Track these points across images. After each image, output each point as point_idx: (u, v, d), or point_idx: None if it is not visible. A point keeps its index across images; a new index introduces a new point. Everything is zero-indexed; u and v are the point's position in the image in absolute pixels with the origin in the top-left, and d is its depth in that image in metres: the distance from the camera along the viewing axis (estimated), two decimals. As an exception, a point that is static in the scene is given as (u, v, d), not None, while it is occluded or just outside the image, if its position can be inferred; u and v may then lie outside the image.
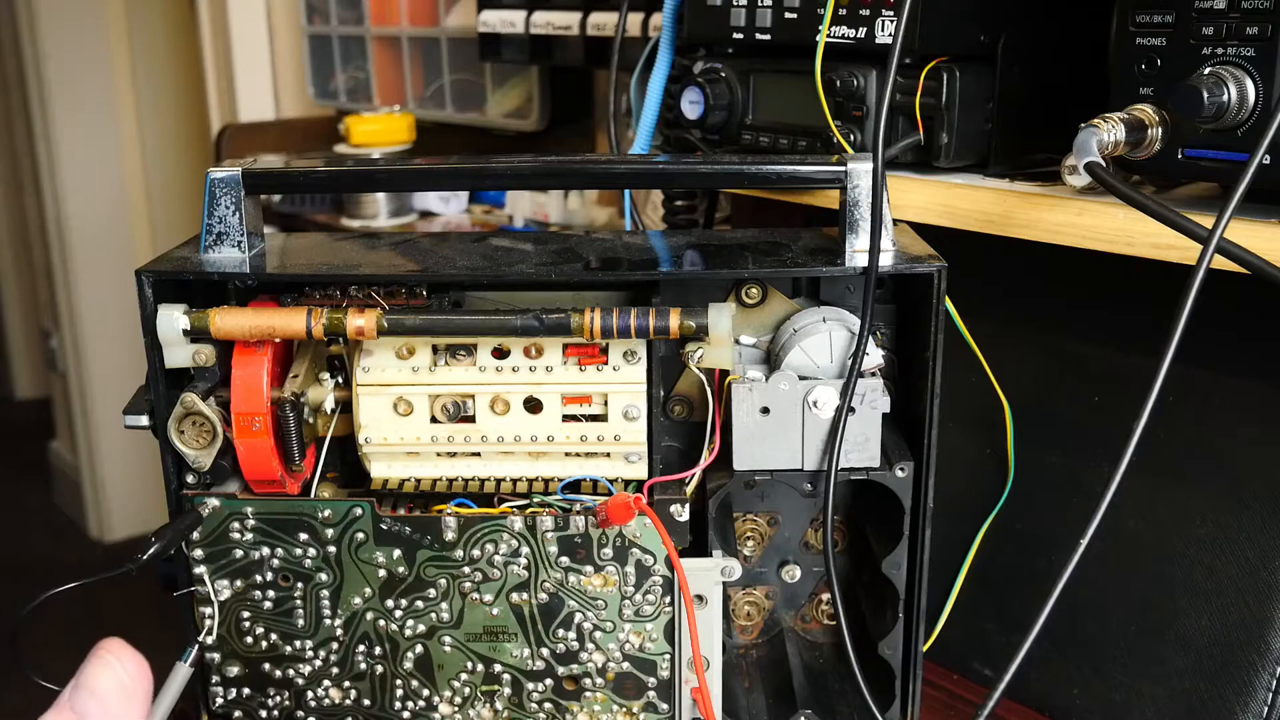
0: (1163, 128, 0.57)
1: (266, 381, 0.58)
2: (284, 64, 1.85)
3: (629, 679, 0.62)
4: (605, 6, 1.09)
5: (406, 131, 1.45)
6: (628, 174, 0.67)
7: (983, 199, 0.66)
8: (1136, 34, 0.57)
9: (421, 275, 0.59)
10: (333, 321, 0.57)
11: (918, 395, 0.60)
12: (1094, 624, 0.68)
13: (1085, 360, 0.71)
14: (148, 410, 0.59)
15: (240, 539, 0.60)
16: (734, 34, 0.75)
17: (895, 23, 0.65)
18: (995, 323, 0.71)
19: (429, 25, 1.47)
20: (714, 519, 0.61)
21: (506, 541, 0.60)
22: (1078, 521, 0.54)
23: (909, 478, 0.60)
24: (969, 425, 0.73)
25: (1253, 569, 0.62)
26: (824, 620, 0.71)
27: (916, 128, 0.69)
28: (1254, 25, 0.53)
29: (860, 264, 0.58)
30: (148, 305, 0.57)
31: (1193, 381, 0.64)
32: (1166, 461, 0.65)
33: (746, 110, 0.77)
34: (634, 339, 0.58)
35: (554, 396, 0.59)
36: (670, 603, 0.61)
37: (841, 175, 0.59)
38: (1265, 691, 0.61)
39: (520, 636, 0.61)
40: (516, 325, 0.57)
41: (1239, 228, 0.54)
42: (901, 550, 0.61)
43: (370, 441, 0.60)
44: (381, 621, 0.61)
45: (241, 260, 0.60)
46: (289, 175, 0.65)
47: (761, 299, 0.63)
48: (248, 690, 0.63)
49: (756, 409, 0.59)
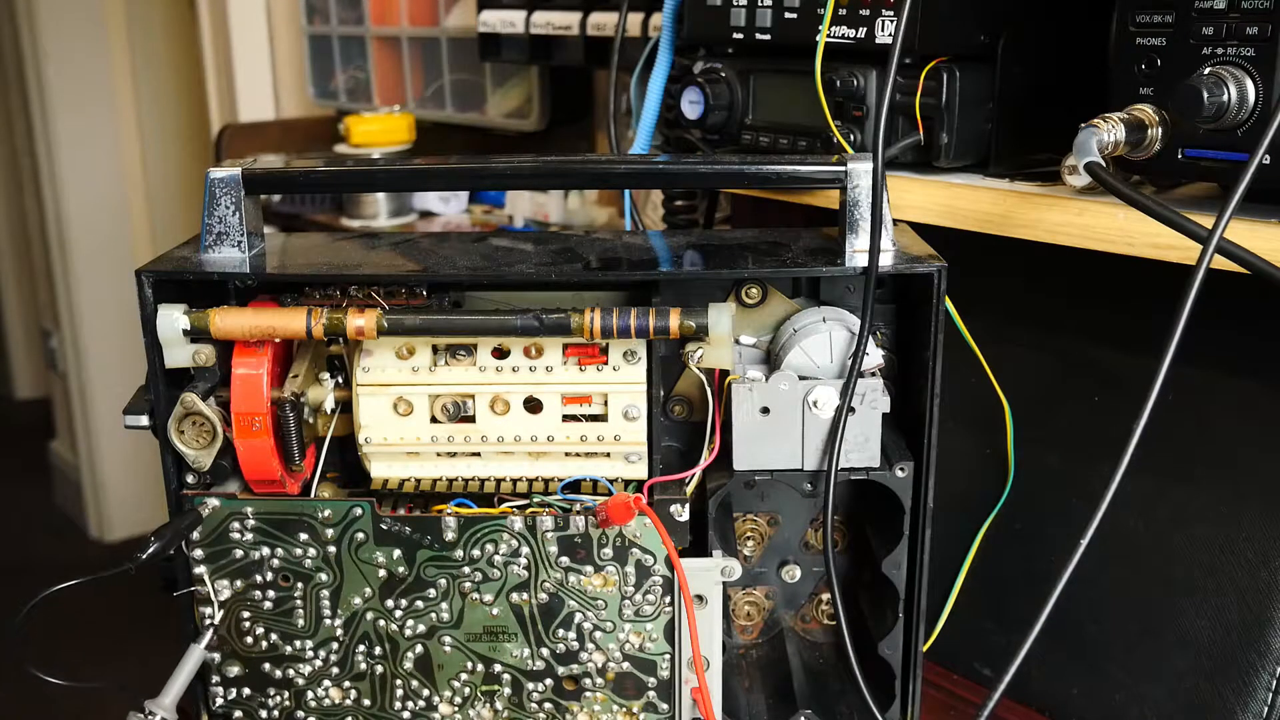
0: (1163, 128, 0.57)
1: (266, 381, 0.58)
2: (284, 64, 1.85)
3: (629, 679, 0.62)
4: (605, 6, 1.09)
5: (406, 131, 1.45)
6: (628, 174, 0.67)
7: (983, 199, 0.66)
8: (1136, 34, 0.57)
9: (421, 275, 0.59)
10: (333, 321, 0.57)
11: (918, 395, 0.60)
12: (1094, 624, 0.68)
13: (1085, 360, 0.71)
14: (148, 410, 0.59)
15: (240, 539, 0.60)
16: (734, 34, 0.75)
17: (895, 23, 0.65)
18: (995, 323, 0.71)
19: (429, 25, 1.47)
20: (714, 519, 0.61)
21: (506, 541, 0.60)
22: (1078, 521, 0.54)
23: (909, 478, 0.60)
24: (969, 425, 0.73)
25: (1253, 569, 0.62)
26: (824, 620, 0.71)
27: (916, 128, 0.69)
28: (1254, 25, 0.53)
29: (860, 264, 0.58)
30: (148, 305, 0.57)
31: (1193, 381, 0.64)
32: (1166, 461, 0.65)
33: (746, 110, 0.77)
34: (634, 339, 0.58)
35: (554, 396, 0.59)
36: (670, 603, 0.61)
37: (841, 175, 0.59)
38: (1265, 691, 0.61)
39: (520, 636, 0.61)
40: (516, 325, 0.57)
41: (1239, 228, 0.54)
42: (901, 550, 0.61)
43: (370, 441, 0.60)
44: (381, 621, 0.61)
45: (241, 260, 0.60)
46: (289, 175, 0.65)
47: (761, 299, 0.63)
48: (248, 690, 0.63)
49: (756, 409, 0.59)
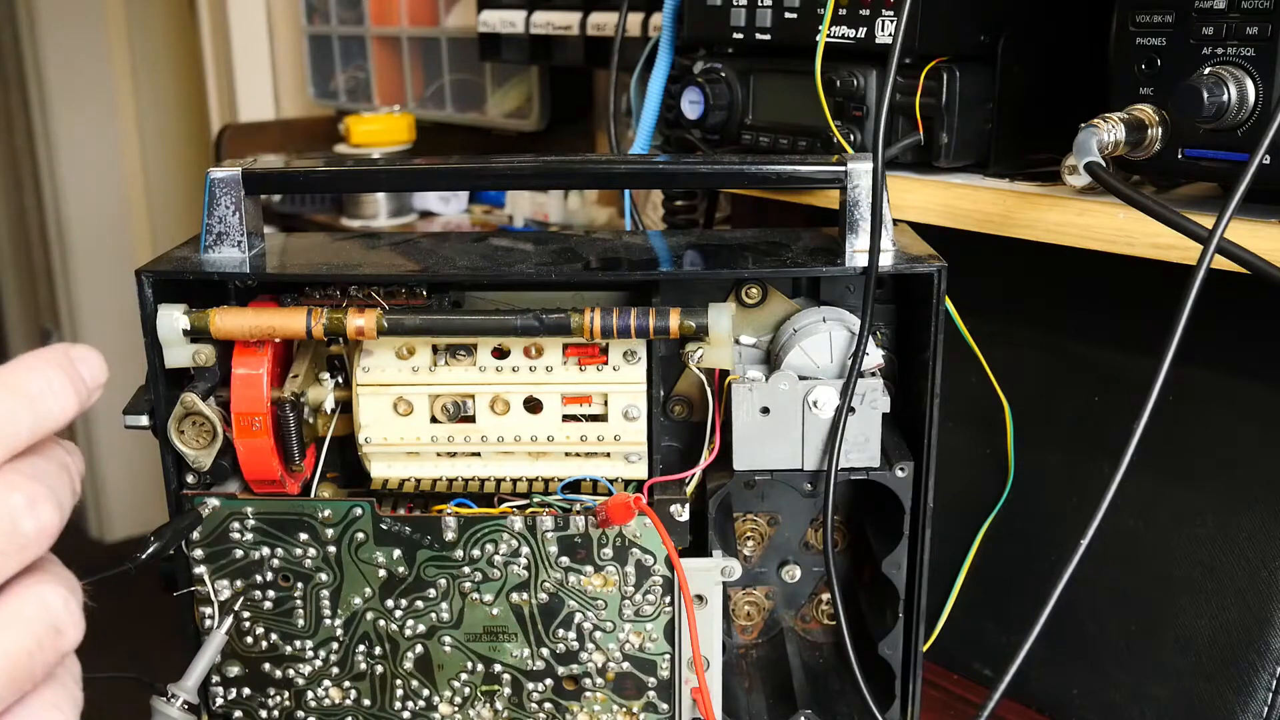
0: (1163, 128, 0.57)
1: (266, 381, 0.58)
2: (284, 64, 1.85)
3: (629, 679, 0.62)
4: (605, 6, 1.09)
5: (406, 131, 1.45)
6: (628, 174, 0.67)
7: (983, 199, 0.66)
8: (1136, 34, 0.57)
9: (421, 275, 0.59)
10: (333, 321, 0.57)
11: (918, 395, 0.60)
12: (1094, 624, 0.68)
13: (1085, 360, 0.71)
14: (148, 410, 0.59)
15: (240, 539, 0.60)
16: (734, 34, 0.75)
17: (895, 23, 0.65)
18: (995, 323, 0.71)
19: (429, 25, 1.47)
20: (714, 519, 0.61)
21: (506, 541, 0.60)
22: (1078, 521, 0.54)
23: (909, 478, 0.60)
24: (969, 425, 0.73)
25: (1253, 569, 0.62)
26: (824, 620, 0.71)
27: (916, 128, 0.69)
28: (1254, 25, 0.53)
29: (860, 264, 0.58)
30: (148, 305, 0.57)
31: (1193, 381, 0.64)
32: (1166, 461, 0.65)
33: (746, 110, 0.77)
34: (634, 339, 0.58)
35: (554, 396, 0.59)
36: (670, 603, 0.61)
37: (841, 175, 0.59)
38: (1265, 691, 0.61)
39: (520, 636, 0.61)
40: (516, 325, 0.57)
41: (1239, 228, 0.54)
42: (901, 550, 0.61)
43: (370, 441, 0.60)
44: (381, 621, 0.61)
45: (241, 260, 0.60)
46: (289, 175, 0.65)
47: (761, 299, 0.63)
48: (248, 690, 0.63)
49: (756, 409, 0.59)
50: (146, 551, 0.56)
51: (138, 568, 0.56)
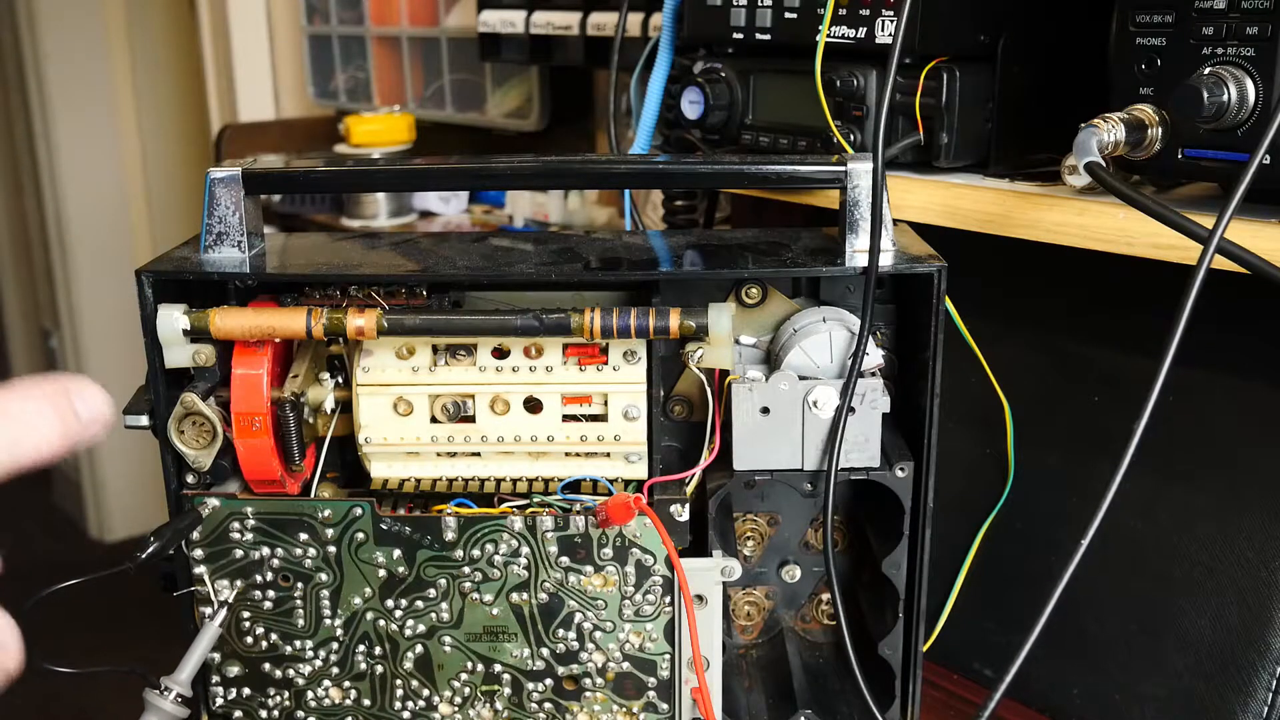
0: (1163, 128, 0.57)
1: (266, 381, 0.58)
2: (284, 64, 1.85)
3: (629, 679, 0.62)
4: (605, 6, 1.09)
5: (406, 131, 1.45)
6: (628, 174, 0.67)
7: (983, 199, 0.66)
8: (1136, 34, 0.57)
9: (421, 275, 0.59)
10: (333, 321, 0.57)
11: (918, 395, 0.60)
12: (1094, 624, 0.68)
13: (1085, 360, 0.71)
14: (148, 410, 0.59)
15: (240, 539, 0.60)
16: (734, 34, 0.75)
17: (895, 23, 0.65)
18: (995, 323, 0.71)
19: (429, 25, 1.47)
20: (714, 519, 0.61)
21: (506, 541, 0.60)
22: (1078, 521, 0.54)
23: (909, 478, 0.60)
24: (969, 425, 0.73)
25: (1253, 569, 0.62)
26: (824, 620, 0.71)
27: (916, 128, 0.69)
28: (1254, 25, 0.53)
29: (860, 264, 0.58)
30: (148, 305, 0.57)
31: (1193, 381, 0.64)
32: (1166, 461, 0.65)
33: (746, 110, 0.77)
34: (634, 339, 0.58)
35: (554, 396, 0.59)
36: (670, 603, 0.61)
37: (841, 175, 0.59)
38: (1265, 691, 0.61)
39: (520, 636, 0.61)
40: (516, 325, 0.57)
41: (1239, 228, 0.54)
42: (901, 550, 0.61)
43: (370, 441, 0.60)
44: (381, 621, 0.61)
45: (241, 260, 0.60)
46: (289, 175, 0.65)
47: (761, 299, 0.63)
48: (248, 690, 0.63)
49: (756, 409, 0.59)
50: (146, 551, 0.56)
51: (138, 567, 0.56)
